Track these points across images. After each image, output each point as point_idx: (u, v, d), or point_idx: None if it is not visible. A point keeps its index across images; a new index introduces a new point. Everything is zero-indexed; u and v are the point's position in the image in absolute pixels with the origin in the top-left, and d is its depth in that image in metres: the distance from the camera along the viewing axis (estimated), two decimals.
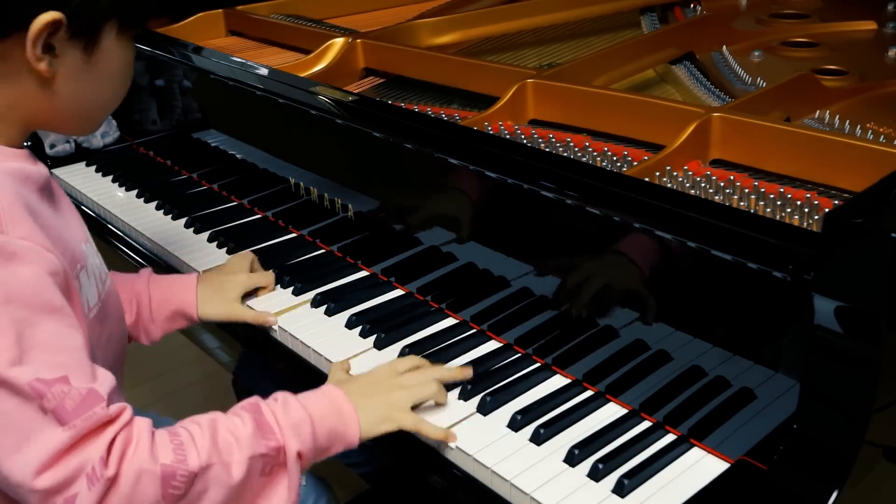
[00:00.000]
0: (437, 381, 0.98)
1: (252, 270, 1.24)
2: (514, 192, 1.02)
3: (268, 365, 1.20)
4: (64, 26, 0.81)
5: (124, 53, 0.89)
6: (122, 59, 0.89)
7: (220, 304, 1.17)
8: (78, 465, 0.74)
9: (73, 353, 0.78)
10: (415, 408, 0.96)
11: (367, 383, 0.97)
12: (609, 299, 0.97)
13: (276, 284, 1.24)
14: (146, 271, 1.19)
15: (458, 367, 1.02)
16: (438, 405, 0.98)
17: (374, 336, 1.11)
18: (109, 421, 0.77)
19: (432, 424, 0.94)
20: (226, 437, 0.82)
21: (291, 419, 0.87)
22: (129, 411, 0.79)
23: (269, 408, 0.88)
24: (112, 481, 0.75)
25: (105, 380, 0.79)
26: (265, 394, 0.91)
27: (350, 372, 1.03)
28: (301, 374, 1.11)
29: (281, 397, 0.90)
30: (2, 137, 0.85)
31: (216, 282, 1.19)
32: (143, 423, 0.79)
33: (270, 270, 1.25)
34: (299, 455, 0.86)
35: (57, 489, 0.74)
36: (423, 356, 1.05)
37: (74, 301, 0.83)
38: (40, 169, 0.88)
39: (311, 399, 0.91)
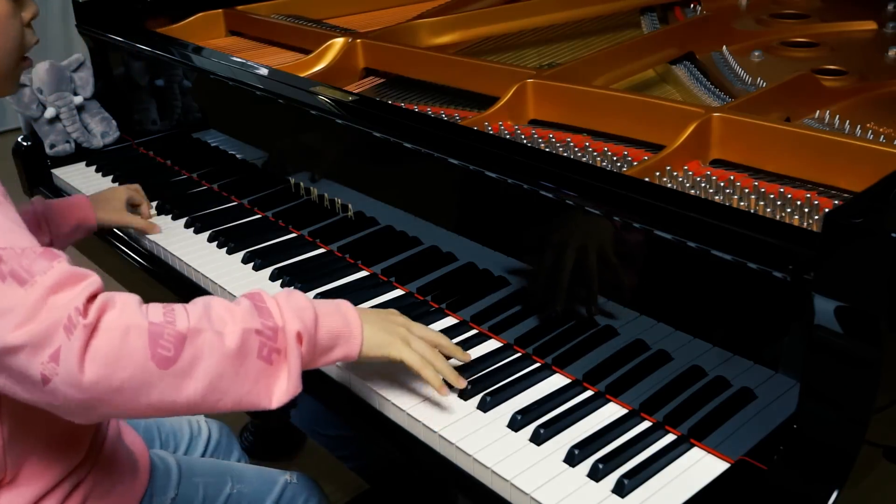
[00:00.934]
0: (436, 354, 0.98)
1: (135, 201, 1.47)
2: (514, 192, 1.02)
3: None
4: None
5: None
6: None
7: (111, 212, 1.41)
8: (54, 318, 0.74)
9: (23, 234, 0.79)
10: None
11: (378, 312, 0.98)
12: (609, 299, 0.97)
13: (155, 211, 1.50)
14: (37, 198, 1.38)
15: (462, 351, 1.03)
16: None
17: None
18: (77, 277, 0.76)
19: (433, 372, 0.94)
20: (220, 312, 0.82)
21: (293, 304, 0.86)
22: (97, 277, 0.78)
23: (272, 296, 0.87)
24: (92, 330, 0.74)
25: (63, 255, 0.79)
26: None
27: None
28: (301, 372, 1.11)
29: (287, 290, 0.89)
30: None
31: (103, 196, 1.44)
32: (131, 295, 0.79)
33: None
34: (299, 338, 0.85)
35: (38, 343, 0.73)
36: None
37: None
38: None
39: (319, 300, 0.91)
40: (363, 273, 1.27)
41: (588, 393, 1.00)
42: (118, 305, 0.77)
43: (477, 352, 1.07)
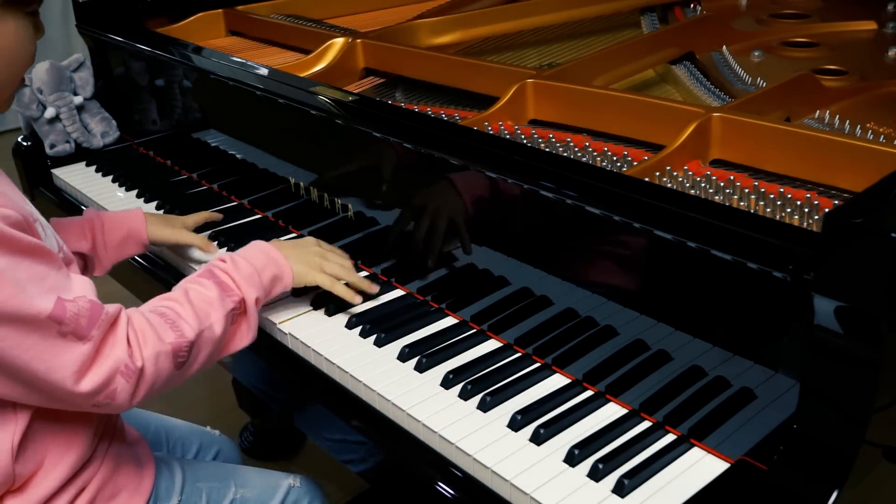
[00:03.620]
0: (349, 269, 1.17)
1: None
2: (514, 192, 1.02)
3: (268, 365, 1.20)
4: None
5: (12, 29, 0.92)
6: (10, 35, 0.92)
7: (167, 230, 1.33)
8: (111, 367, 0.87)
9: (58, 273, 0.87)
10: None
11: (296, 244, 1.16)
12: (609, 299, 0.97)
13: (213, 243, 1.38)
14: (92, 209, 1.32)
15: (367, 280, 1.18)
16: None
17: (374, 336, 1.11)
18: (115, 322, 0.89)
19: (344, 287, 1.14)
20: (201, 305, 0.98)
21: (243, 274, 1.04)
22: (123, 311, 0.92)
23: (222, 269, 1.04)
24: (141, 370, 0.89)
25: (85, 283, 0.90)
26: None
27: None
28: (302, 373, 1.11)
29: (228, 258, 1.06)
30: None
31: (163, 216, 1.38)
32: (137, 316, 0.93)
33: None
34: (257, 302, 1.04)
35: (99, 389, 0.87)
36: (424, 356, 1.05)
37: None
38: None
39: (251, 254, 1.08)
40: (363, 273, 1.27)
41: (588, 393, 1.00)
42: (141, 335, 0.91)
43: (477, 352, 1.07)
